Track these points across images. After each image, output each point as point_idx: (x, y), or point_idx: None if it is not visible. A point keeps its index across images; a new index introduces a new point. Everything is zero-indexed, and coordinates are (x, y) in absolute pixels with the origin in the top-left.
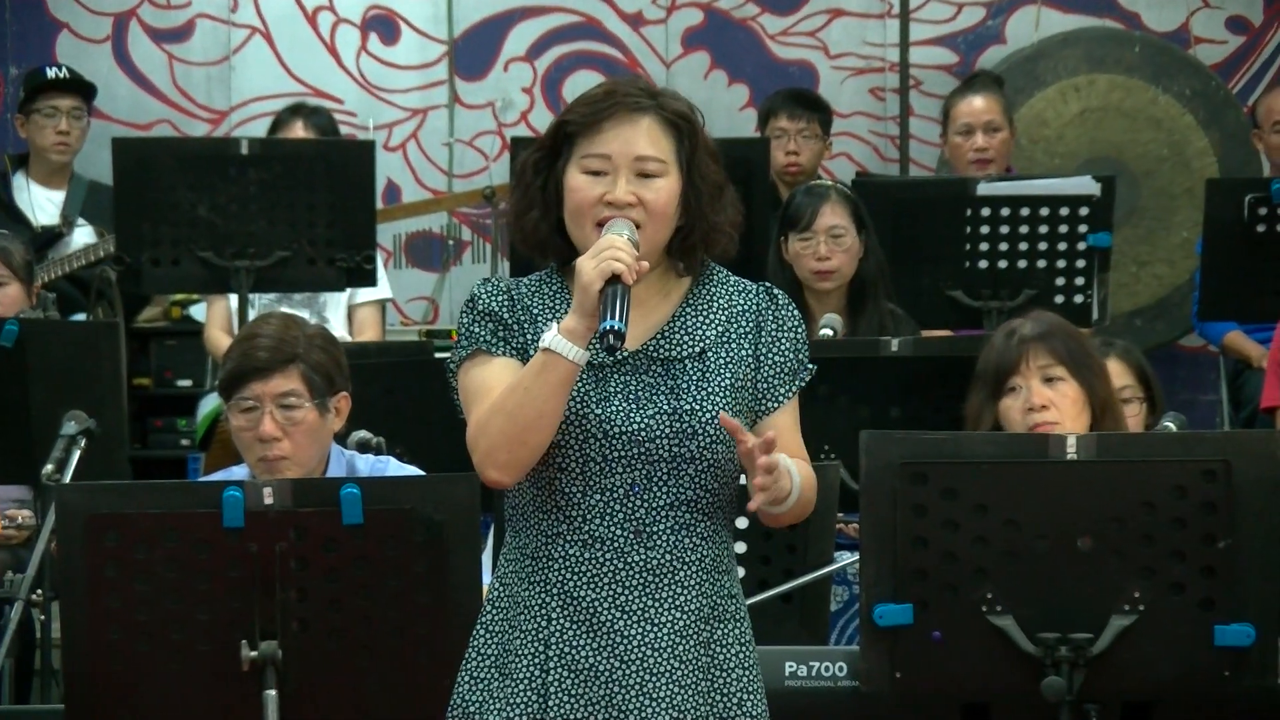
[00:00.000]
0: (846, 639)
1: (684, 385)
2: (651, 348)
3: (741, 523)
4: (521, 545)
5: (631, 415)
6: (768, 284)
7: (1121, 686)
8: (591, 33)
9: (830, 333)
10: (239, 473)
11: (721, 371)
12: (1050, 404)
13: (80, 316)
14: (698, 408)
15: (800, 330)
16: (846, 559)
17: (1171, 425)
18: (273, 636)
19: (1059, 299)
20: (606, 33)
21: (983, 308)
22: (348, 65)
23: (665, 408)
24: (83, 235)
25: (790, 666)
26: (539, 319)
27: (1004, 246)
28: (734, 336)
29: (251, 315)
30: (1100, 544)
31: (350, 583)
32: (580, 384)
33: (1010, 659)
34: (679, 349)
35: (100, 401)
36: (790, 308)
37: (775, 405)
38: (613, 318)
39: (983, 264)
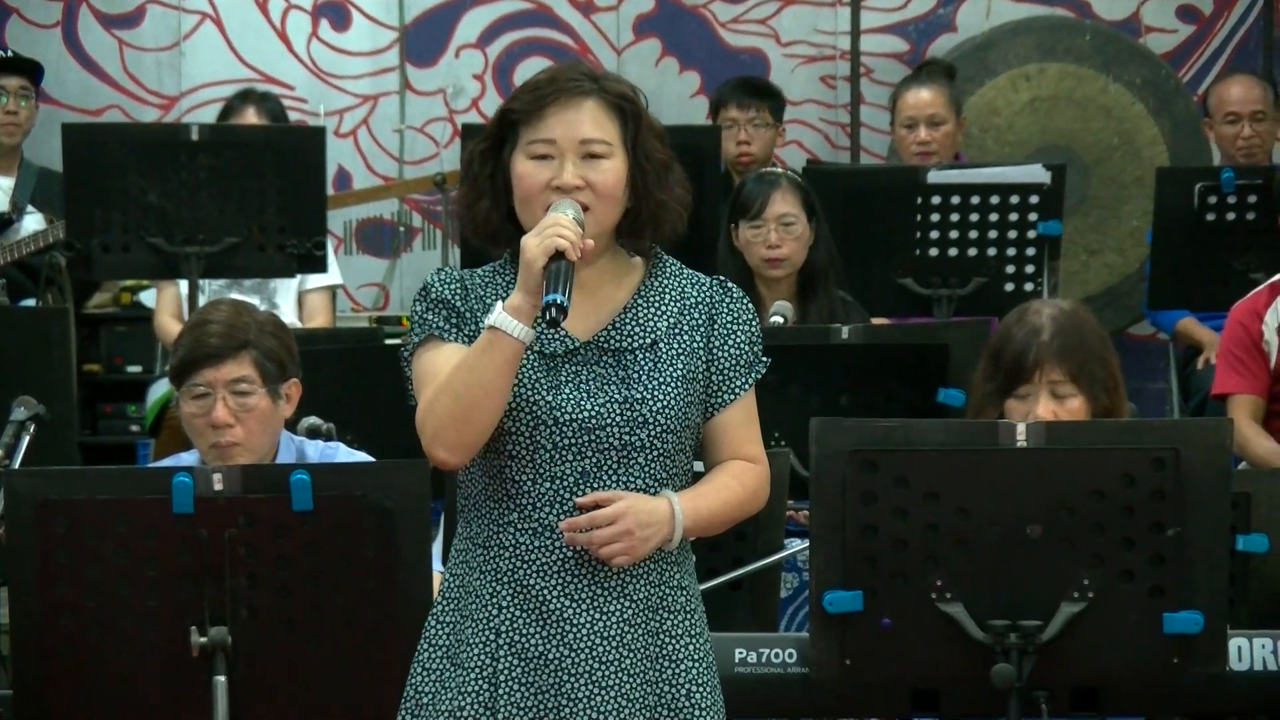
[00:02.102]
0: (796, 626)
1: (635, 375)
2: (603, 339)
3: None
4: (473, 535)
5: (582, 403)
6: (721, 277)
7: (1071, 673)
8: (543, 20)
9: (780, 320)
10: (188, 459)
11: (674, 362)
12: (1055, 418)
13: (30, 303)
14: (649, 396)
15: (754, 324)
16: (796, 546)
17: None
18: (222, 622)
19: (1009, 287)
20: (558, 19)
21: (933, 296)
22: (298, 51)
23: (616, 396)
24: (32, 222)
25: (740, 653)
26: (491, 309)
27: (954, 235)
28: (686, 328)
29: (201, 301)
30: (1050, 532)
31: (300, 569)
32: (531, 372)
33: (960, 646)
34: (630, 340)
35: (50, 387)
36: (744, 301)
37: (729, 399)
38: (556, 292)
39: (933, 252)
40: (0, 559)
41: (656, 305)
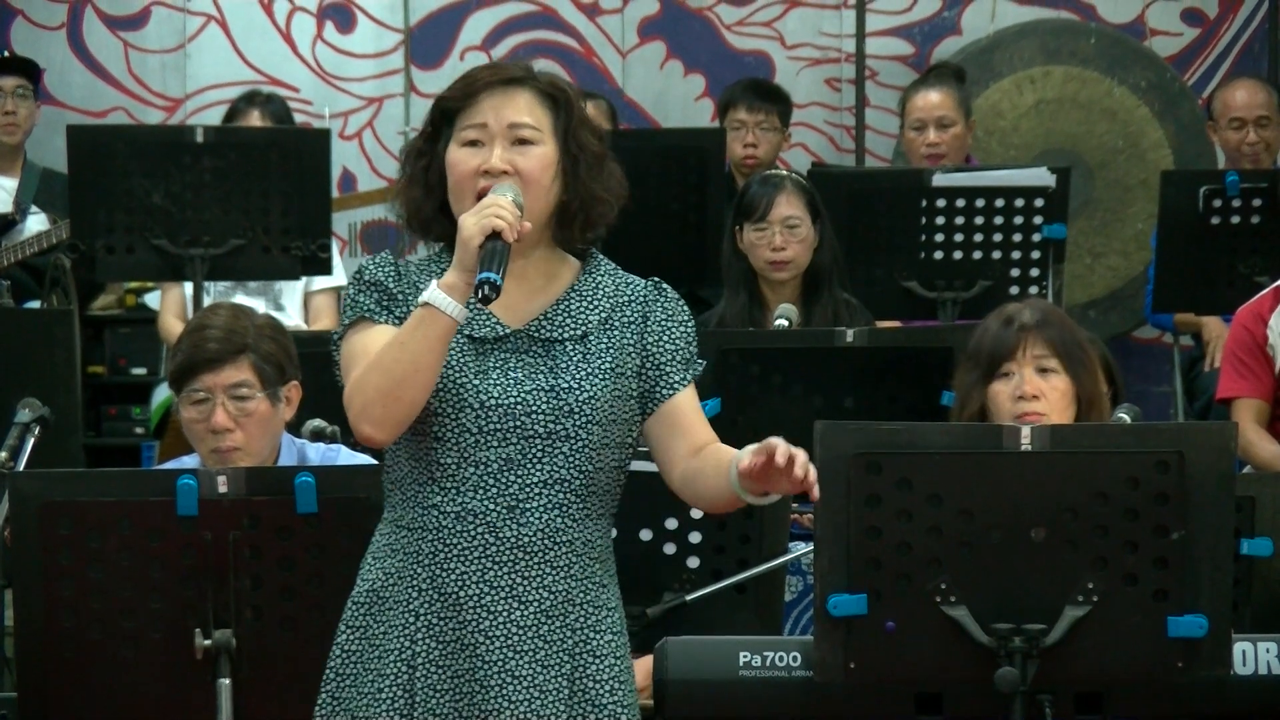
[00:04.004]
0: (800, 629)
1: (564, 365)
2: (534, 328)
3: (696, 513)
4: (396, 519)
5: (509, 389)
6: (657, 279)
7: (1075, 677)
8: (548, 22)
9: (785, 323)
10: (190, 463)
11: (603, 355)
12: (1041, 394)
13: (34, 304)
14: (576, 386)
15: (690, 325)
16: (801, 549)
17: (1125, 416)
18: (226, 625)
19: (1014, 290)
20: (563, 22)
21: (937, 299)
22: (303, 53)
23: (543, 384)
24: (36, 223)
25: (744, 656)
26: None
27: (959, 238)
28: (618, 324)
29: (207, 303)
30: (1054, 535)
31: (304, 571)
32: (459, 356)
33: (964, 649)
34: (561, 331)
35: (54, 389)
36: (679, 303)
37: (669, 393)
38: (490, 270)
39: (938, 255)
40: (4, 561)
41: (589, 300)
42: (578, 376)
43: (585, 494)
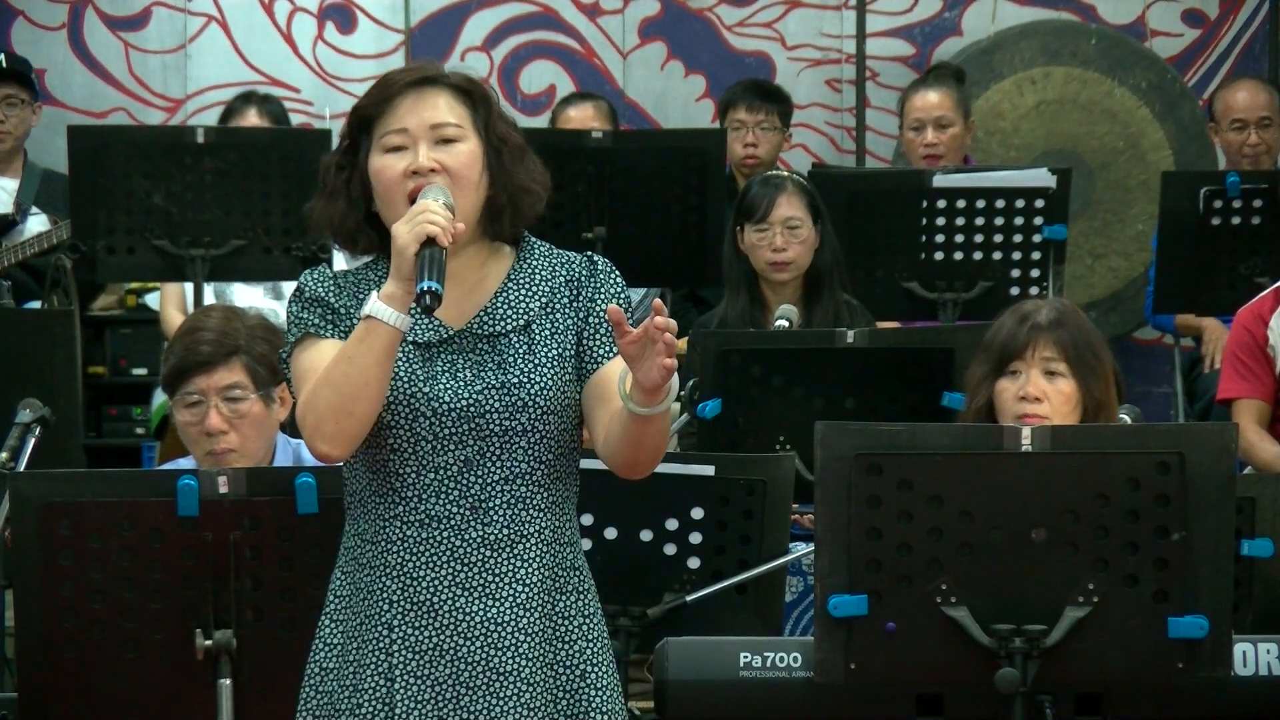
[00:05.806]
0: (801, 630)
1: (511, 359)
2: (476, 325)
3: (697, 513)
4: (360, 531)
5: (460, 391)
6: (590, 254)
7: (1075, 678)
8: (548, 23)
9: (786, 324)
10: (189, 463)
11: (547, 343)
12: (1044, 397)
13: (35, 304)
14: (526, 380)
15: (624, 297)
16: (801, 550)
17: (1126, 417)
18: (227, 625)
19: (1014, 291)
20: (563, 23)
21: (938, 299)
22: (304, 54)
23: (494, 382)
24: (36, 223)
25: (745, 657)
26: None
27: (959, 238)
28: (558, 307)
29: (208, 294)
30: (1054, 536)
31: (304, 571)
32: (406, 364)
33: (964, 650)
34: (503, 324)
35: (55, 389)
36: (612, 274)
37: (597, 364)
38: (429, 278)
39: (938, 256)
40: (5, 562)
41: (527, 287)
42: (526, 370)
43: (548, 484)
